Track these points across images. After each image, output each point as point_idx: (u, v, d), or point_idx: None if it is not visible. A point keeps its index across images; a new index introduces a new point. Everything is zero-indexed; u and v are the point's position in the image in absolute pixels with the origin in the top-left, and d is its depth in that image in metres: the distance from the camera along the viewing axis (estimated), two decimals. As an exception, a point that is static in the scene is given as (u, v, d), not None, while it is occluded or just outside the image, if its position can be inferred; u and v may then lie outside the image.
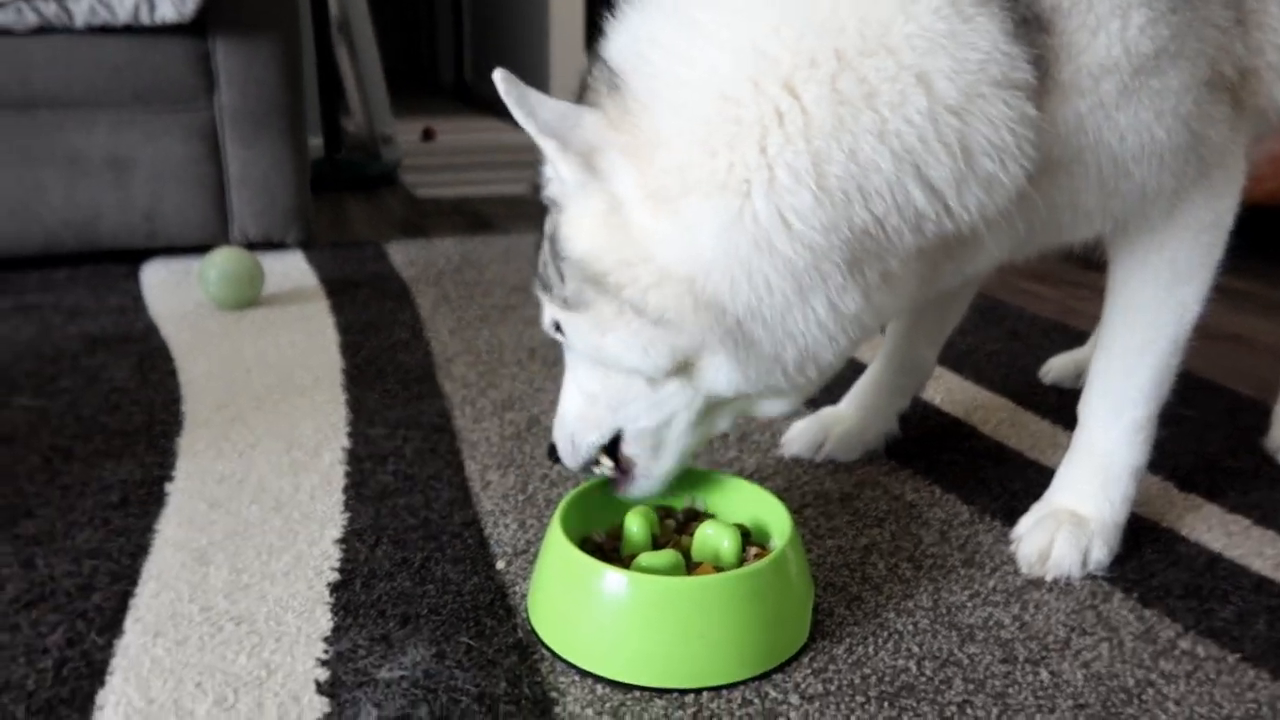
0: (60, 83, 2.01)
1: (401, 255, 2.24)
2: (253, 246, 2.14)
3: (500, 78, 0.74)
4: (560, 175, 0.77)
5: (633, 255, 0.75)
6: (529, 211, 2.83)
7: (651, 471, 0.90)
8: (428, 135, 4.45)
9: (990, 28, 0.71)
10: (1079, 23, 0.75)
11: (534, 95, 0.75)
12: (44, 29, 1.96)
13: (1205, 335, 1.83)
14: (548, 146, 0.75)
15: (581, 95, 0.79)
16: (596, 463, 0.92)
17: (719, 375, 0.79)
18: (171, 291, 1.92)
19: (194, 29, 2.04)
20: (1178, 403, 1.44)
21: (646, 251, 0.74)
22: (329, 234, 2.52)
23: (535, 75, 5.00)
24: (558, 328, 0.86)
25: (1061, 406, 1.42)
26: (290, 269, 2.10)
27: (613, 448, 0.90)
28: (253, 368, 1.50)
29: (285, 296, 1.90)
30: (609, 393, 0.86)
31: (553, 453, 0.94)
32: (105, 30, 2.00)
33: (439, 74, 7.37)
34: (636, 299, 0.75)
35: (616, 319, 0.78)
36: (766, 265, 0.72)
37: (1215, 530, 1.08)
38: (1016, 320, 1.85)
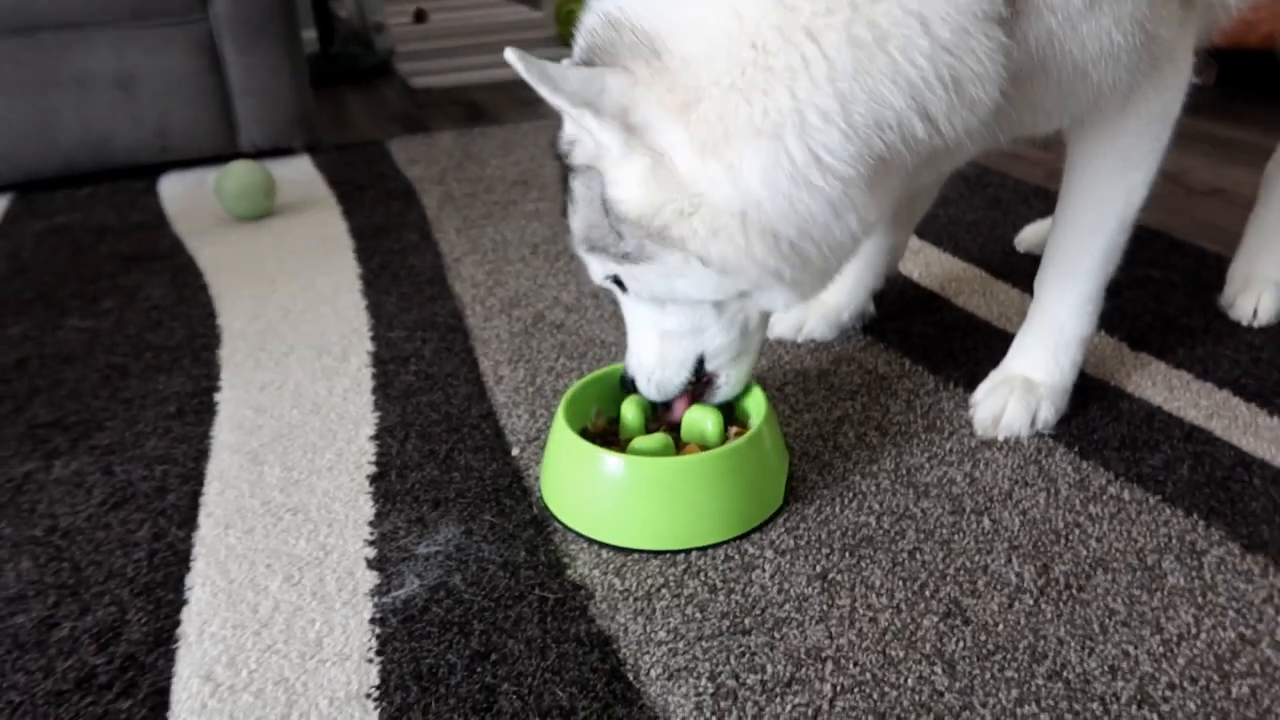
0: (59, 4, 2.05)
1: (404, 153, 2.31)
2: (261, 154, 2.22)
3: (515, 58, 0.78)
4: (599, 141, 0.81)
5: (687, 205, 0.81)
6: (524, 98, 2.87)
7: (733, 377, 1.01)
8: (420, 17, 4.41)
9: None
10: None
11: (553, 68, 0.78)
12: (36, -50, 1.99)
13: (1187, 189, 1.92)
14: (583, 117, 0.79)
15: (590, 56, 0.83)
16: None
17: (777, 294, 0.90)
18: (190, 204, 2.01)
19: (181, -61, 2.07)
20: (1145, 263, 1.54)
21: (699, 198, 0.80)
22: (332, 133, 2.58)
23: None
24: (616, 281, 0.93)
25: (1032, 274, 1.50)
26: (299, 174, 2.18)
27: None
28: (276, 278, 1.62)
29: (298, 203, 1.99)
30: (684, 325, 0.95)
31: (633, 386, 1.01)
32: (95, -53, 2.03)
33: (426, -55, 7.13)
34: (700, 250, 0.83)
35: (685, 265, 0.85)
36: (806, 196, 0.80)
37: (1159, 385, 1.20)
38: (999, 187, 1.93)
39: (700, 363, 0.99)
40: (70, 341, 1.41)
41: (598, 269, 0.94)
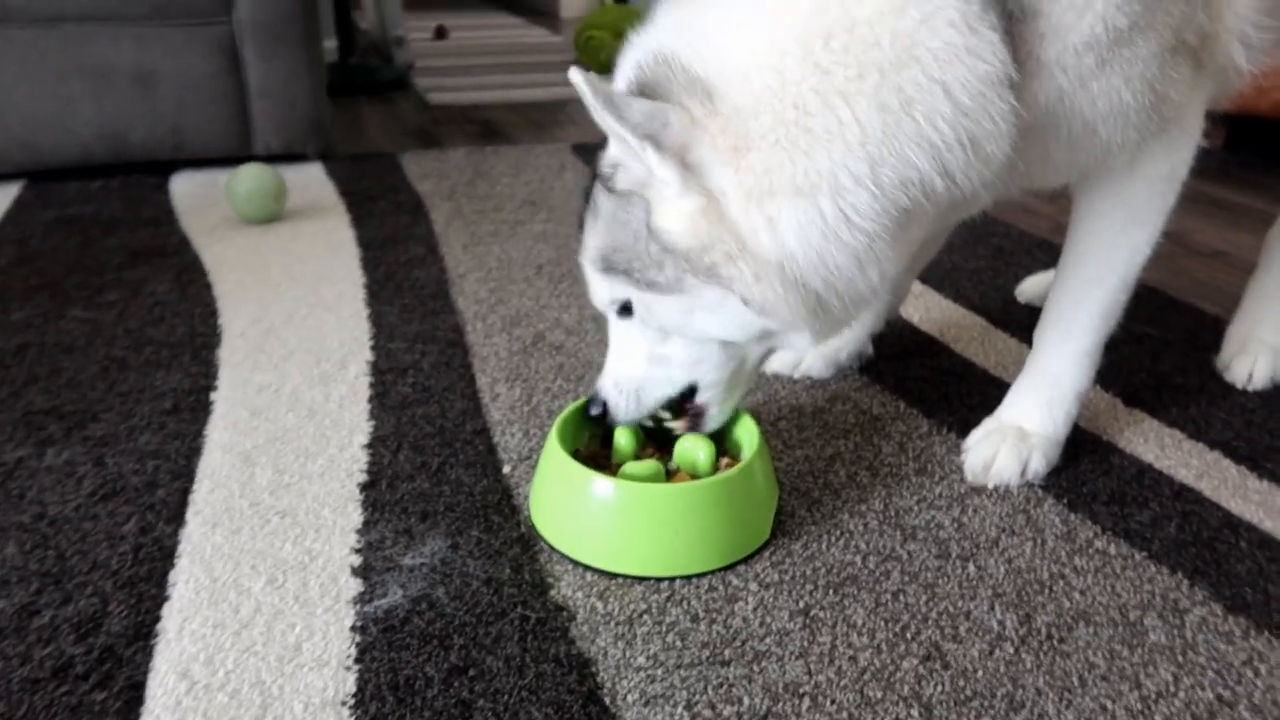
0: (85, -2, 2.07)
1: (416, 167, 2.33)
2: (274, 158, 2.24)
3: (580, 79, 0.79)
4: (656, 174, 0.82)
5: (735, 248, 0.83)
6: (537, 120, 2.90)
7: (724, 409, 1.02)
8: (440, 34, 4.45)
9: (993, 38, 0.80)
10: (1066, 5, 0.83)
11: (619, 97, 0.80)
12: (67, -55, 2.02)
13: (1189, 250, 1.93)
14: (644, 149, 0.80)
15: (642, 89, 0.84)
16: (656, 418, 1.02)
17: (798, 337, 0.91)
18: (200, 204, 2.03)
19: (211, -56, 2.10)
20: (1143, 321, 1.55)
21: (744, 243, 0.83)
22: (346, 143, 2.60)
23: (549, -30, 4.92)
24: (624, 308, 0.94)
25: (1032, 325, 1.52)
26: (311, 181, 2.20)
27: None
28: (281, 282, 1.63)
29: (307, 210, 2.00)
30: (685, 357, 0.96)
31: (602, 414, 1.00)
32: (126, -55, 2.05)
33: (452, -36, 7.22)
34: (745, 292, 0.85)
35: (720, 303, 0.87)
36: (835, 251, 0.83)
37: (1150, 442, 1.20)
38: (1004, 237, 1.94)
39: (691, 392, 0.99)
40: (72, 331, 1.42)
41: (605, 291, 0.94)
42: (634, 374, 0.98)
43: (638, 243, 0.87)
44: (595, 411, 1.01)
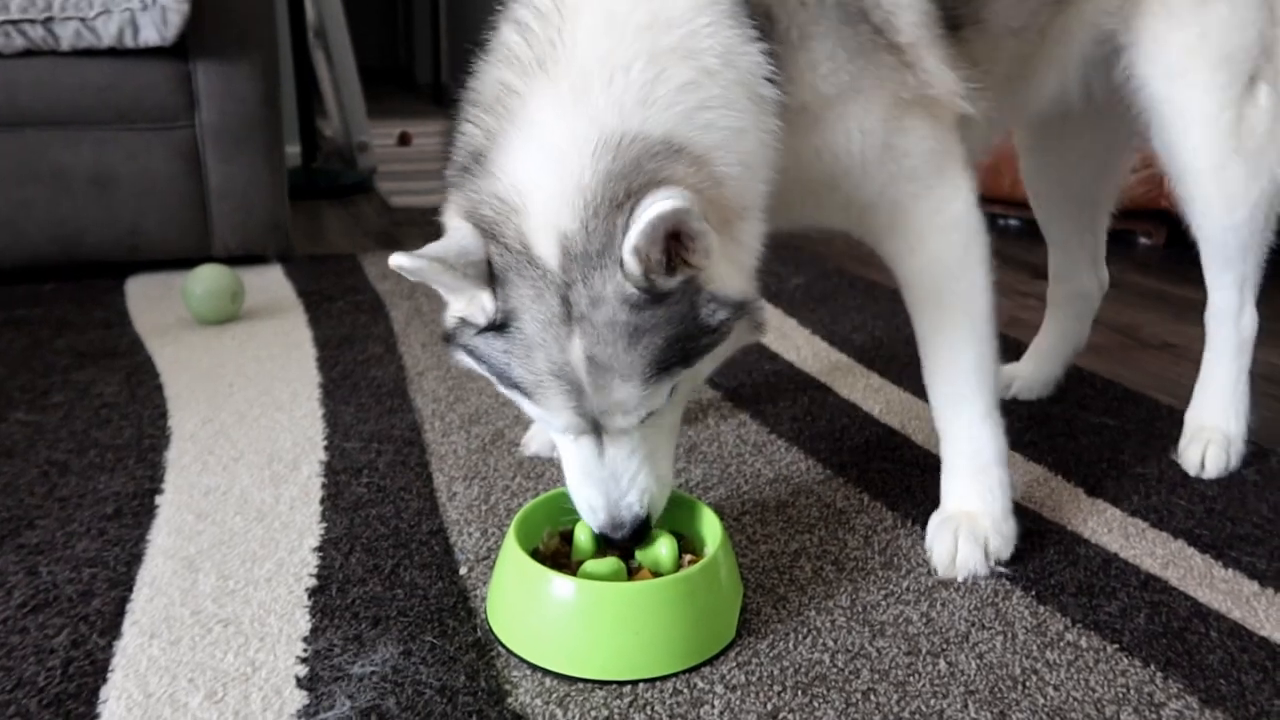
0: (46, 103, 2.08)
1: (376, 268, 2.33)
2: (233, 259, 2.23)
3: (657, 210, 0.77)
4: (706, 246, 0.82)
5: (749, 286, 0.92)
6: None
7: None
8: (404, 140, 4.53)
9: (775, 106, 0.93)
10: (791, 76, 0.95)
11: (656, 201, 0.79)
12: (31, 52, 2.04)
13: (1139, 343, 1.97)
14: (708, 236, 0.81)
15: (636, 163, 0.83)
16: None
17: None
18: (155, 305, 2.00)
19: (175, 51, 2.13)
20: (1101, 411, 1.57)
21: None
22: (306, 244, 2.60)
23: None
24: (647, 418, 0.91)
25: (990, 416, 1.53)
26: (269, 282, 2.19)
27: None
28: (234, 382, 1.59)
29: (264, 310, 1.99)
30: (677, 418, 0.99)
31: (626, 535, 0.94)
32: (90, 53, 2.08)
33: (416, 75, 7.42)
34: (757, 302, 0.93)
35: (743, 332, 0.93)
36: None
37: (1115, 532, 1.20)
38: (959, 331, 1.97)
39: None
40: (12, 435, 1.37)
41: (649, 403, 0.88)
42: (642, 474, 0.93)
43: (694, 319, 0.86)
44: (623, 534, 0.93)
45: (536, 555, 0.97)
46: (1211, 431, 1.37)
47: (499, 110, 0.88)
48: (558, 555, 1.02)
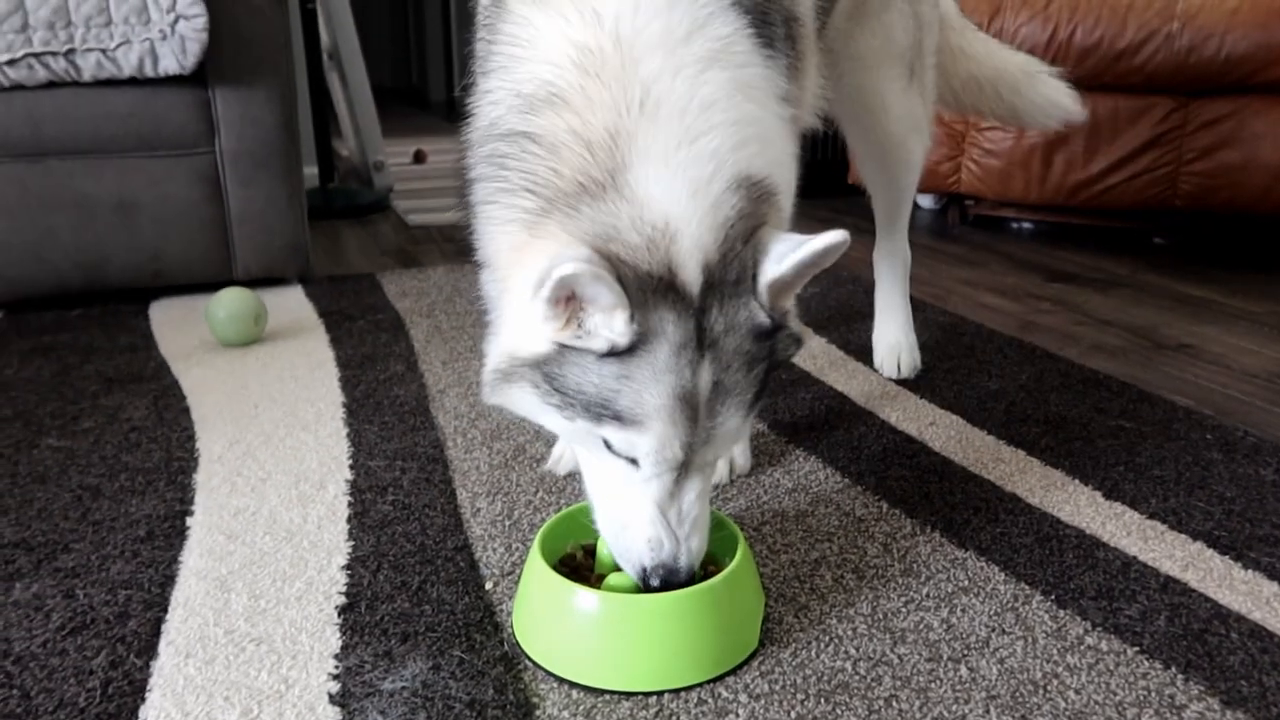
0: (69, 133, 2.12)
1: (395, 286, 2.36)
2: (254, 282, 2.26)
3: (811, 248, 0.84)
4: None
5: None
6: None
7: None
8: (419, 158, 4.57)
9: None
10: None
11: (810, 241, 0.85)
12: (53, 83, 2.08)
13: (1156, 345, 1.97)
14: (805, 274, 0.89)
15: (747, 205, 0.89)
16: None
17: None
18: (179, 329, 2.04)
19: (195, 79, 2.16)
20: (1116, 414, 1.57)
21: None
22: (326, 265, 2.63)
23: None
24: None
25: (1008, 422, 1.54)
26: (290, 304, 2.22)
27: None
28: (259, 404, 1.62)
29: (287, 331, 2.02)
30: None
31: (669, 577, 0.93)
32: (111, 83, 2.11)
33: (430, 92, 7.48)
34: None
35: None
36: None
37: (1134, 535, 1.20)
38: (974, 336, 1.98)
39: None
40: (45, 461, 1.40)
41: (742, 435, 0.99)
42: (702, 518, 0.94)
43: (774, 353, 0.92)
44: (676, 579, 0.92)
45: (561, 568, 0.99)
46: None
47: (610, 147, 0.87)
48: (581, 569, 1.03)
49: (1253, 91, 2.50)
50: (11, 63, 2.02)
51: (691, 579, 0.93)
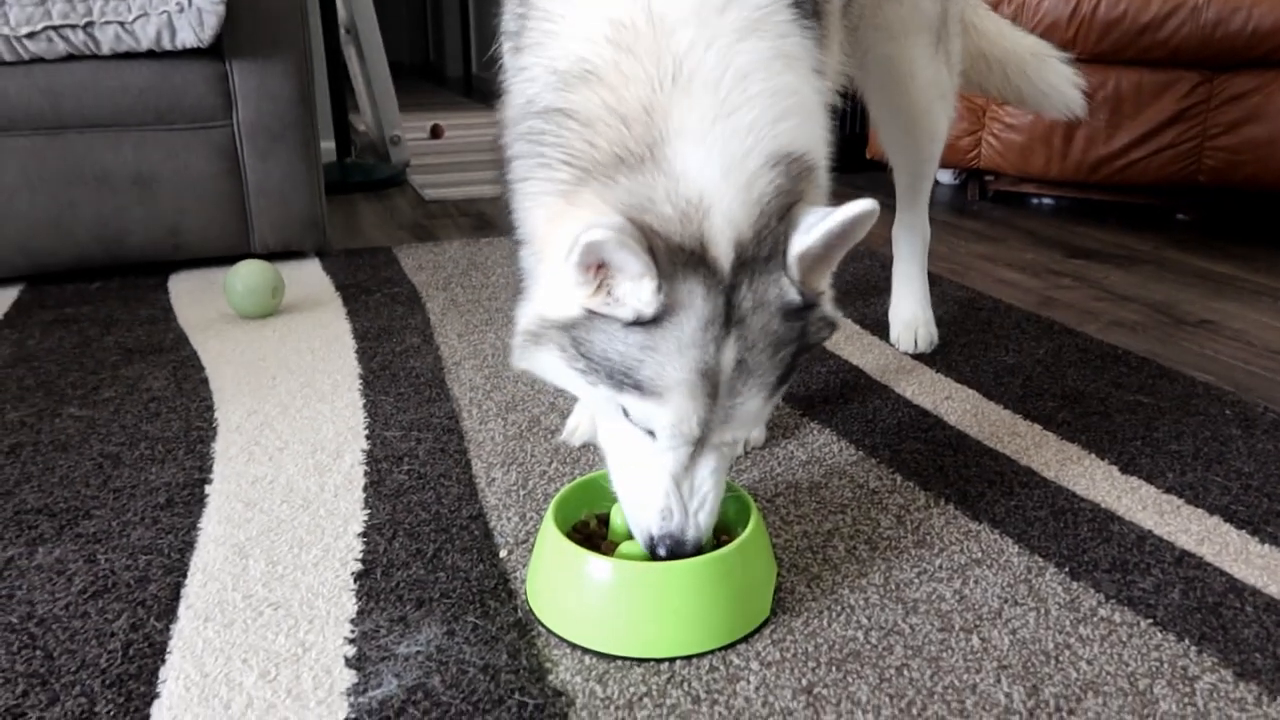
0: (88, 106, 2.13)
1: (411, 260, 2.36)
2: (272, 255, 2.27)
3: (839, 218, 0.84)
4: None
5: None
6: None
7: None
8: (435, 133, 4.57)
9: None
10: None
11: (837, 212, 0.85)
12: (72, 56, 2.09)
13: (1176, 320, 1.95)
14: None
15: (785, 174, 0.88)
16: None
17: None
18: (198, 301, 2.05)
19: (212, 52, 2.17)
20: (1135, 389, 1.56)
21: None
22: (342, 238, 2.64)
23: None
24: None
25: (1025, 396, 1.53)
26: (307, 276, 2.23)
27: None
28: (277, 374, 1.63)
29: (304, 304, 2.03)
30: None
31: (676, 547, 0.93)
32: (129, 56, 2.12)
33: (446, 68, 7.46)
34: None
35: None
36: None
37: (1149, 509, 1.20)
38: (992, 311, 1.96)
39: None
40: (67, 429, 1.42)
41: (762, 417, 0.94)
42: (715, 488, 0.94)
43: (804, 335, 0.92)
44: (683, 551, 0.92)
45: (574, 535, 0.99)
46: None
47: (646, 121, 0.87)
48: (594, 537, 1.04)
49: (1280, 65, 2.46)
50: (31, 35, 2.03)
51: (699, 551, 0.93)
